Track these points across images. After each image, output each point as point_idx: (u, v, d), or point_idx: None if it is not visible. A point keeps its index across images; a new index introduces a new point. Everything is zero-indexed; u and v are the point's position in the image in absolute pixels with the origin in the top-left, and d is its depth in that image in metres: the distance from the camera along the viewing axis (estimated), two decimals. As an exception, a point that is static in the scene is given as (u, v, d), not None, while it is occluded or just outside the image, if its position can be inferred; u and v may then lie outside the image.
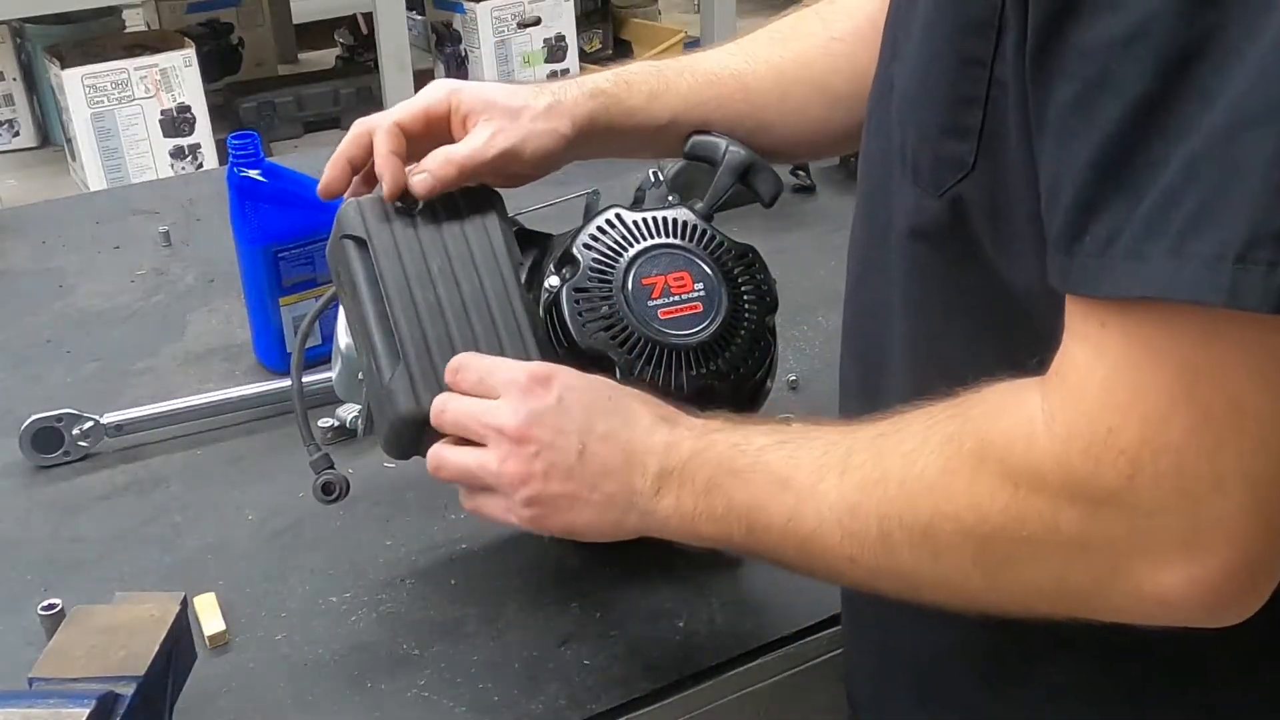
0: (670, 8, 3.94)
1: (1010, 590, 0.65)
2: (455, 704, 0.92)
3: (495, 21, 3.08)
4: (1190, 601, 0.59)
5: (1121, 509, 0.58)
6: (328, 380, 1.13)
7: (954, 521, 0.64)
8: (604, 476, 0.79)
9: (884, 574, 0.69)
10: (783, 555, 0.75)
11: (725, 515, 0.75)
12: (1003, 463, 0.62)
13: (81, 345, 1.43)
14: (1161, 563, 0.58)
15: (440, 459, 0.86)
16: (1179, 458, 0.56)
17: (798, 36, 1.05)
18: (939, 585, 0.67)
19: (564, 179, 1.07)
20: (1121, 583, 0.60)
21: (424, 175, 0.94)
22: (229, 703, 0.93)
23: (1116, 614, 0.62)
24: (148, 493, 1.17)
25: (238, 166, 1.28)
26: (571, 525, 0.81)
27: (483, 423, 0.83)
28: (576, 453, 0.79)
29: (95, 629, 0.84)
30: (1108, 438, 0.58)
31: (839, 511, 0.69)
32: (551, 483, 0.80)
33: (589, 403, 0.82)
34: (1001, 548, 0.63)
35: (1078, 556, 0.61)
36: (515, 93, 0.98)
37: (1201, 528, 0.57)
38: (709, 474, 0.76)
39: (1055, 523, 0.60)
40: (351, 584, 1.04)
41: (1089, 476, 0.59)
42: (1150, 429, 0.57)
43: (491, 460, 0.82)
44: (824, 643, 1.00)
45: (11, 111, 2.90)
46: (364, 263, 0.94)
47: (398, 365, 0.90)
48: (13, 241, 1.70)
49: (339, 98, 2.99)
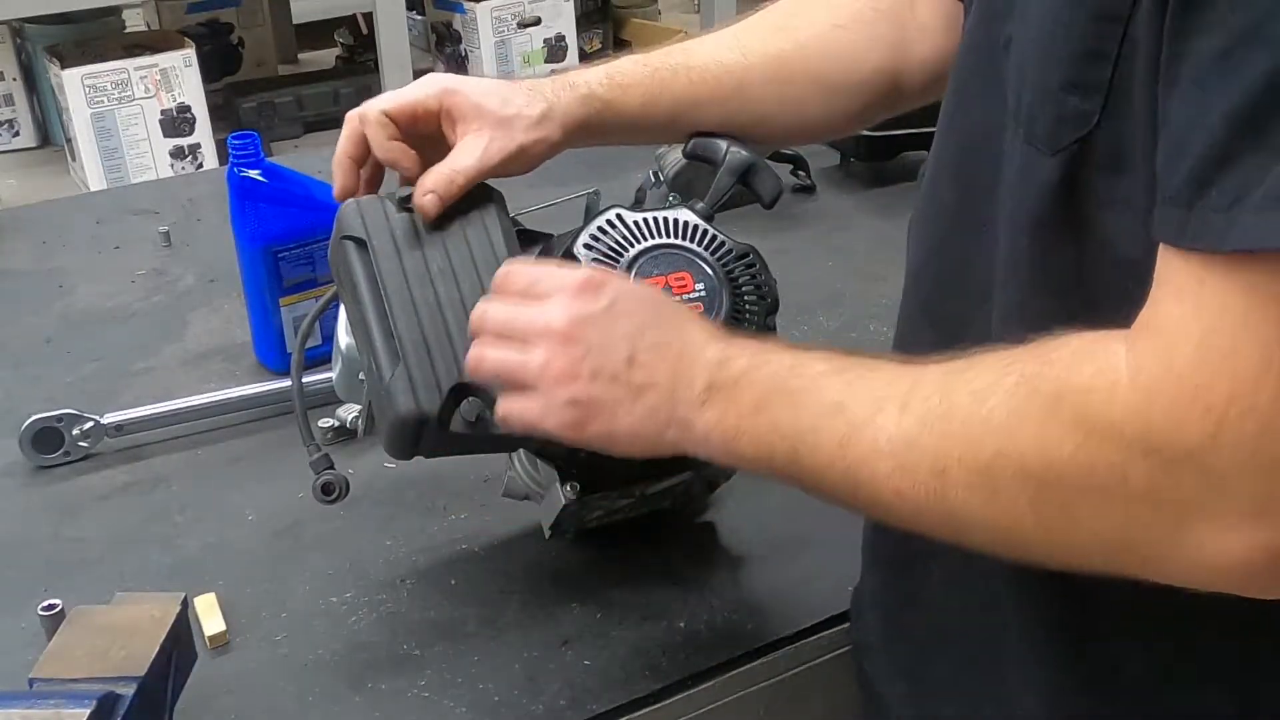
0: (670, 7, 3.94)
1: (1064, 539, 0.64)
2: (455, 704, 0.92)
3: (495, 21, 3.08)
4: (1250, 569, 0.59)
5: (1197, 468, 0.58)
6: (328, 380, 1.13)
7: (1016, 463, 0.63)
8: (650, 386, 0.77)
9: (930, 512, 0.68)
10: (823, 483, 0.73)
11: (770, 436, 0.73)
12: (1078, 409, 0.62)
13: (81, 345, 1.43)
14: (1228, 527, 0.58)
15: (480, 355, 0.82)
16: (1265, 421, 0.56)
17: (799, 23, 1.03)
18: (987, 527, 0.66)
19: (564, 179, 1.07)
20: (1183, 543, 0.60)
21: (431, 197, 0.94)
22: (229, 703, 0.93)
23: (1170, 574, 0.62)
24: (148, 493, 1.17)
25: (238, 166, 1.28)
26: (610, 432, 0.78)
27: (531, 321, 0.80)
28: (625, 359, 0.77)
29: (95, 629, 0.84)
30: (1195, 394, 0.58)
31: (895, 444, 0.68)
32: (596, 385, 0.77)
33: (641, 311, 0.79)
34: (1062, 494, 0.63)
35: (1142, 511, 0.60)
36: (508, 99, 0.96)
37: (1273, 494, 0.57)
38: (759, 393, 0.74)
39: (1125, 474, 0.60)
40: (351, 584, 1.04)
41: (1169, 431, 0.58)
42: (1240, 388, 0.57)
43: (537, 357, 0.79)
44: (824, 643, 1.00)
45: (11, 111, 2.90)
46: (364, 263, 0.94)
47: (398, 365, 0.90)
48: (13, 241, 1.70)
49: (339, 98, 2.98)
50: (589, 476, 0.98)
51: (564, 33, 3.17)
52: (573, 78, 1.00)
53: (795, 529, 1.09)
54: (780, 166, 1.60)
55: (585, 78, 1.00)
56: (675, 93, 1.00)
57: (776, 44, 1.02)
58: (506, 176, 0.98)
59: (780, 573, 1.05)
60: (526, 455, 1.02)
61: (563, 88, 0.99)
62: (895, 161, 1.73)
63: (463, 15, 3.09)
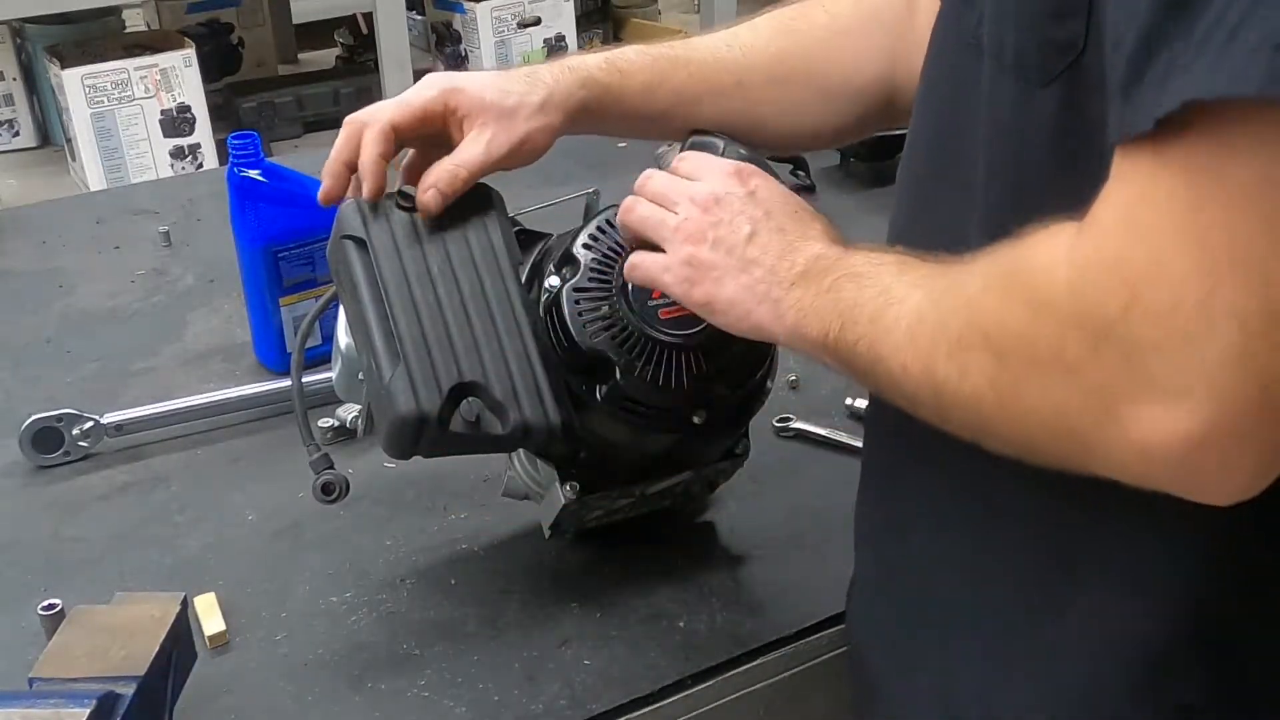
0: (670, 8, 3.94)
1: (1018, 420, 0.66)
2: (455, 704, 0.92)
3: (495, 21, 3.08)
4: (1170, 453, 0.59)
5: (1118, 342, 0.59)
6: (328, 380, 1.13)
7: (981, 336, 0.66)
8: (757, 262, 0.83)
9: (923, 386, 0.71)
10: (854, 357, 0.76)
11: (829, 314, 0.77)
12: (1028, 285, 0.64)
13: (81, 345, 1.43)
14: (1147, 404, 0.59)
15: (631, 207, 0.89)
16: (1176, 294, 0.57)
17: (801, 28, 1.04)
18: (960, 404, 0.69)
19: (564, 179, 1.07)
20: (1112, 425, 0.60)
21: (433, 192, 0.94)
22: (229, 703, 0.93)
23: (1108, 462, 0.63)
24: (148, 493, 1.17)
25: (238, 166, 1.28)
26: (712, 297, 0.84)
27: (682, 191, 0.88)
28: (746, 235, 0.84)
29: (95, 629, 0.84)
30: (1115, 266, 0.59)
31: (909, 318, 0.72)
32: (715, 252, 0.84)
33: (776, 203, 0.87)
34: (1015, 368, 0.65)
35: (1077, 389, 0.61)
36: (508, 90, 0.97)
37: (1189, 371, 0.57)
38: (834, 276, 0.79)
39: (1061, 349, 0.62)
40: (351, 584, 1.04)
41: (1094, 305, 0.60)
42: (1154, 261, 0.58)
43: (676, 217, 0.86)
44: (824, 643, 1.00)
45: (11, 111, 2.89)
46: (364, 263, 0.94)
47: (398, 365, 0.90)
48: (13, 241, 1.70)
49: (339, 98, 2.98)
50: (589, 476, 0.98)
51: (564, 33, 3.17)
52: (572, 61, 1.01)
53: (795, 529, 1.09)
54: (780, 166, 1.60)
55: (585, 62, 1.00)
56: (674, 84, 1.01)
57: (778, 44, 1.03)
58: (512, 169, 0.98)
59: (780, 573, 1.05)
60: (526, 455, 1.02)
61: (562, 71, 0.99)
62: (895, 161, 1.72)
63: (463, 15, 3.09)
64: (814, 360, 0.81)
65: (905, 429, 0.77)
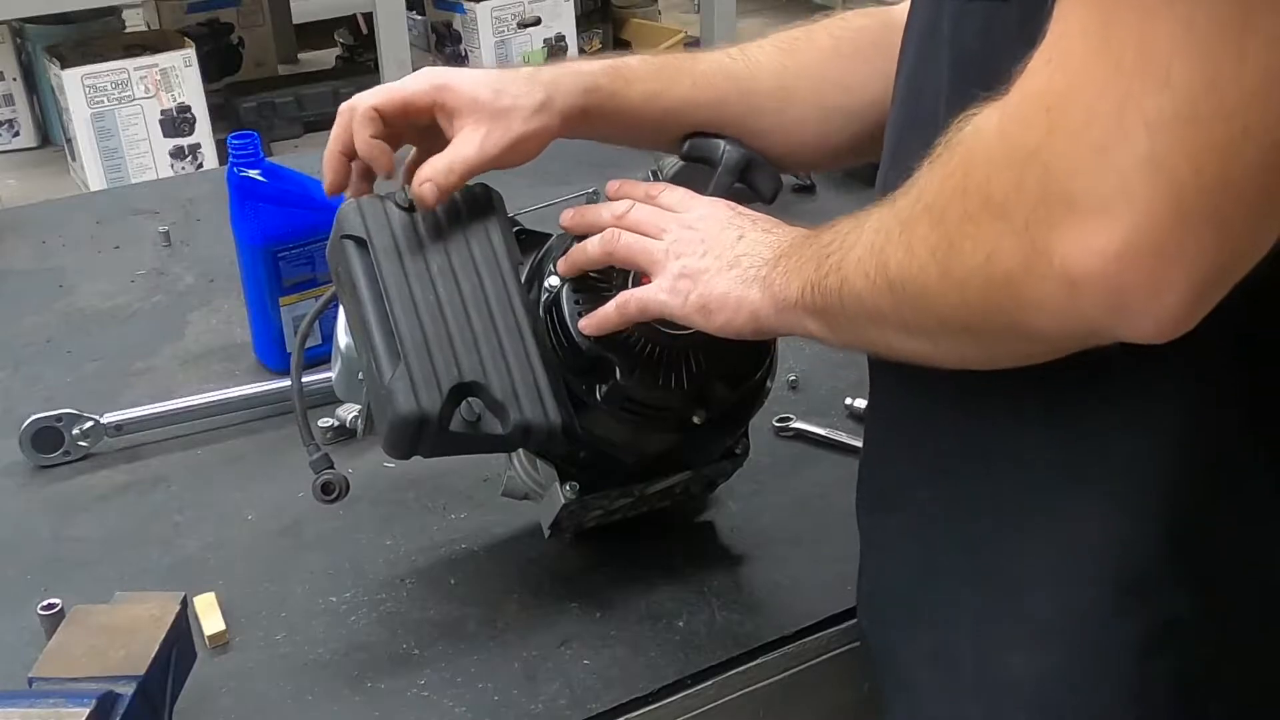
0: (670, 8, 3.95)
1: (956, 285, 0.66)
2: (455, 704, 0.92)
3: (495, 21, 3.08)
4: (1093, 277, 0.58)
5: (1040, 170, 0.59)
6: (328, 380, 1.13)
7: (924, 209, 0.68)
8: (746, 255, 0.87)
9: (881, 290, 0.72)
10: (830, 295, 0.77)
11: (808, 264, 0.80)
12: (961, 145, 0.65)
13: (81, 345, 1.43)
14: (1069, 227, 0.59)
15: (616, 235, 0.92)
16: (1090, 109, 0.58)
17: (804, 48, 1.05)
18: (912, 292, 0.70)
19: (564, 179, 1.07)
20: (1039, 260, 0.60)
21: (428, 185, 0.94)
22: (229, 703, 0.93)
23: (1038, 307, 0.62)
24: (148, 493, 1.17)
25: (238, 166, 1.28)
26: (706, 297, 0.86)
27: (670, 218, 0.92)
28: (736, 237, 0.88)
29: (95, 629, 0.84)
30: (1038, 97, 0.60)
31: (870, 230, 0.74)
32: (707, 258, 0.88)
33: (761, 217, 0.91)
34: (951, 227, 0.65)
35: (1008, 230, 0.62)
36: (502, 90, 0.96)
37: (1105, 183, 0.57)
38: (814, 236, 0.82)
39: (989, 192, 0.62)
40: (351, 584, 1.04)
41: (1016, 135, 0.61)
42: (1071, 84, 0.58)
43: (663, 242, 0.90)
44: (824, 642, 1.00)
45: (11, 111, 2.90)
46: (364, 263, 0.94)
47: (398, 365, 0.90)
48: (13, 241, 1.70)
49: (339, 98, 2.94)
50: (588, 476, 0.98)
51: (564, 33, 3.18)
52: (575, 65, 1.00)
53: (795, 529, 1.09)
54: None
55: (588, 67, 1.00)
56: (677, 93, 1.01)
57: (781, 62, 1.04)
58: (507, 167, 0.98)
59: (780, 572, 1.05)
60: (526, 455, 1.02)
61: (563, 75, 0.99)
62: (895, 161, 1.72)
63: (463, 15, 3.10)
64: (803, 338, 0.84)
65: (905, 386, 0.80)
